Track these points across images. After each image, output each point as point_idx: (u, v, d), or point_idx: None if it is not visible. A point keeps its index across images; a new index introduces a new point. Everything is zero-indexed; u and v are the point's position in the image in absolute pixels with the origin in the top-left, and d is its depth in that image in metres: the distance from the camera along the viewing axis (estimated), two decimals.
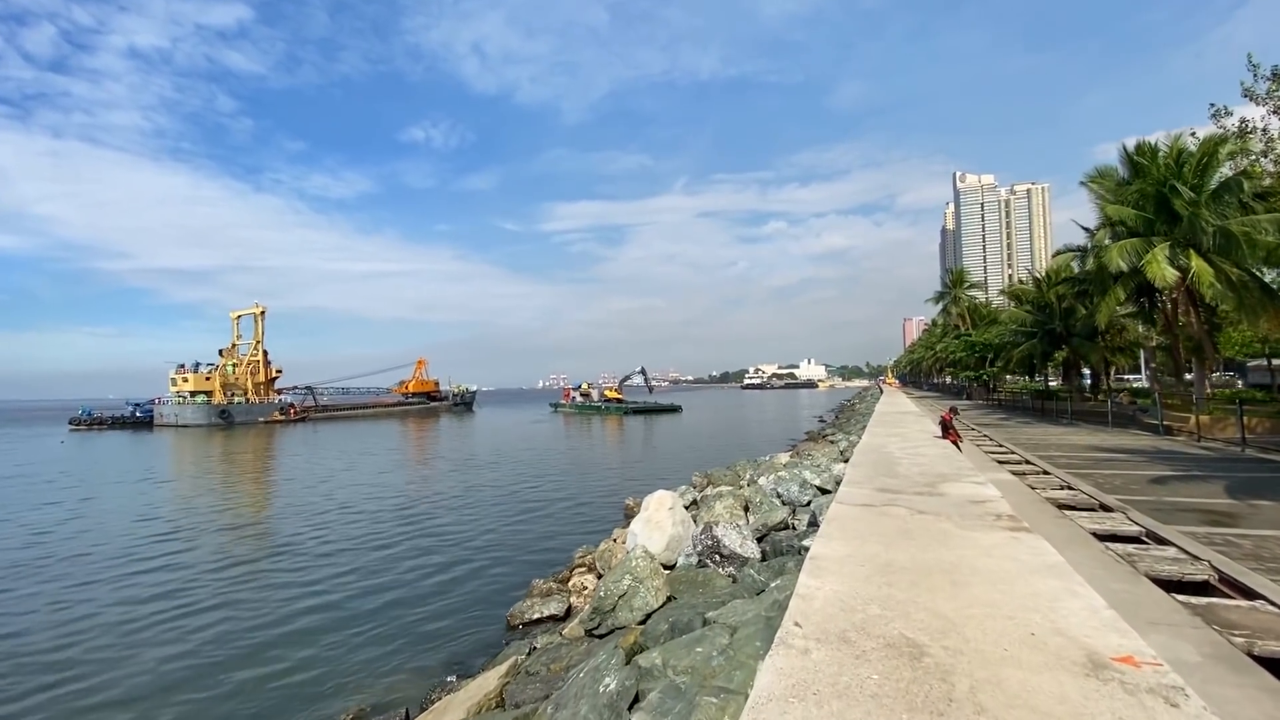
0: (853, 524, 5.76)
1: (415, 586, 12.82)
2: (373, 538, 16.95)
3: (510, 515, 19.39)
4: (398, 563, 14.48)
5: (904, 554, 4.72)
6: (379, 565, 14.34)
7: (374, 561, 14.66)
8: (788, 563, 8.04)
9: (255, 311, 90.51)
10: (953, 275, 66.73)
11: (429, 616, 11.13)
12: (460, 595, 12.28)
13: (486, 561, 14.46)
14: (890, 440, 14.18)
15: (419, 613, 11.31)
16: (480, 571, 13.71)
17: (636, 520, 10.72)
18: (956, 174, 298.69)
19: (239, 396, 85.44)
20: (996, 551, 4.72)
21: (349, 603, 11.92)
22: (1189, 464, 13.79)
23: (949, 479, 8.33)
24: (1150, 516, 8.87)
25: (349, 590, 12.65)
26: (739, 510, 11.33)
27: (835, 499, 7.02)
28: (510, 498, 22.48)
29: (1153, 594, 5.86)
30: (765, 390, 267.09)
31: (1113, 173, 23.82)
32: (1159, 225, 21.59)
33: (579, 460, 34.66)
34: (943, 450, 12.04)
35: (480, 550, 15.40)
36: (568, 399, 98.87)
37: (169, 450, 48.16)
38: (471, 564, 14.34)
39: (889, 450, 12.04)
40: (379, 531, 17.64)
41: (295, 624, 10.89)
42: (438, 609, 11.50)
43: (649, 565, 7.94)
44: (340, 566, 14.32)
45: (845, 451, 17.43)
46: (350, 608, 11.66)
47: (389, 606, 11.65)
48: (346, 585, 12.96)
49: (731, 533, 9.08)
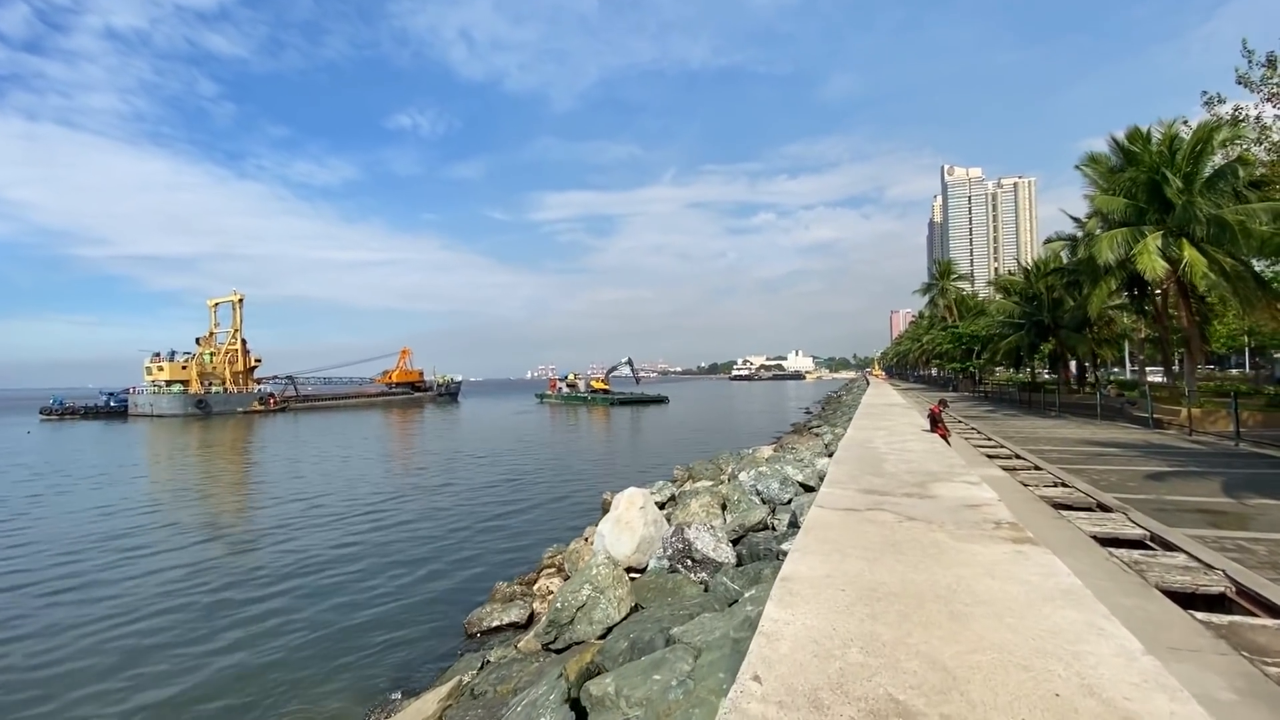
0: (833, 533, 5.04)
1: (372, 589, 12.02)
2: (335, 535, 16.11)
3: (483, 511, 18.60)
4: (357, 562, 13.67)
5: (892, 573, 4.00)
6: (336, 565, 13.52)
7: (332, 561, 13.83)
8: (764, 569, 7.35)
9: (233, 299, 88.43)
10: (940, 267, 66.39)
11: (382, 623, 10.34)
12: (419, 598, 11.50)
13: (452, 562, 13.68)
14: (876, 434, 13.54)
15: (372, 618, 10.52)
16: (443, 572, 12.93)
17: (605, 520, 9.99)
18: (944, 167, 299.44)
19: (216, 386, 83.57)
20: (1000, 570, 4.02)
21: (297, 607, 11.10)
22: (1184, 459, 13.28)
23: (940, 478, 7.66)
24: (1152, 517, 8.27)
25: (300, 593, 11.83)
26: (716, 509, 10.63)
27: (815, 502, 6.31)
28: (485, 492, 21.68)
29: (1168, 611, 5.22)
30: (753, 381, 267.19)
31: (1105, 159, 23.28)
32: (1151, 214, 21.08)
33: (561, 453, 33.88)
34: (931, 445, 11.41)
35: (446, 549, 14.62)
36: (554, 390, 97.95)
37: (139, 442, 46.78)
38: (435, 564, 13.55)
39: (875, 445, 11.39)
40: (343, 529, 16.79)
41: (232, 632, 10.06)
42: (393, 614, 10.72)
43: (611, 573, 7.21)
44: (294, 567, 13.47)
45: (830, 445, 16.80)
46: (297, 613, 10.85)
47: (340, 611, 10.85)
48: (298, 588, 12.13)
49: (705, 535, 8.36)
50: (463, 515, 18.11)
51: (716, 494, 11.30)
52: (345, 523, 17.43)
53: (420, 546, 14.89)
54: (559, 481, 23.79)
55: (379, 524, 17.18)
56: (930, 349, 68.46)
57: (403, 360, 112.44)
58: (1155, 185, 20.86)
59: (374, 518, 17.95)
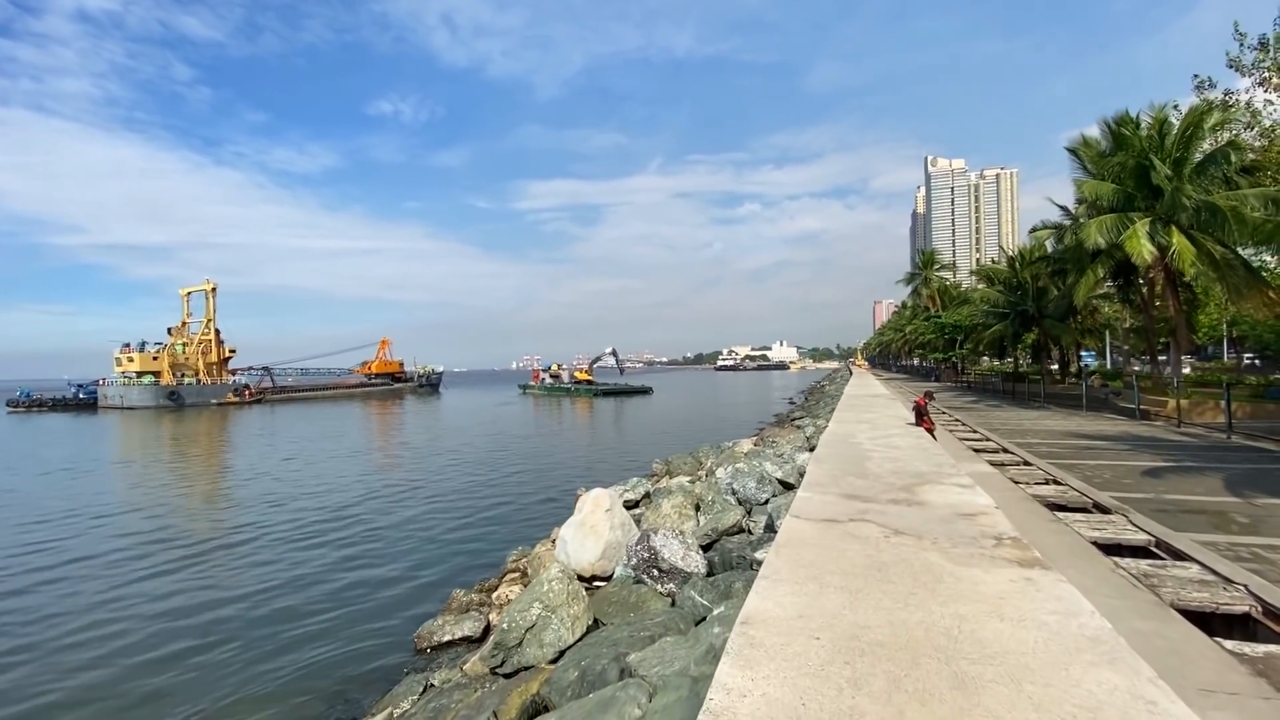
0: (810, 552, 4.29)
1: (320, 597, 11.16)
2: (292, 537, 15.19)
3: (452, 510, 17.75)
4: (308, 566, 12.78)
5: (878, 610, 3.25)
6: (285, 570, 12.62)
7: (283, 565, 12.94)
8: (735, 581, 6.62)
9: (206, 288, 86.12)
10: (923, 256, 66.17)
11: (324, 635, 9.50)
12: (370, 606, 10.67)
13: (411, 565, 12.84)
14: (859, 428, 12.87)
15: (313, 630, 9.67)
16: (400, 578, 12.09)
17: (568, 524, 9.21)
18: (928, 158, 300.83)
19: (189, 377, 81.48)
20: (1009, 607, 3.28)
21: (233, 617, 10.22)
22: (1178, 453, 12.77)
23: (929, 480, 6.96)
24: (1154, 520, 7.66)
25: (239, 600, 10.94)
26: (689, 510, 9.90)
27: (791, 510, 5.57)
28: (457, 489, 20.81)
29: (1191, 638, 4.56)
30: (738, 372, 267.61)
31: (1096, 143, 22.75)
32: (1139, 200, 20.60)
33: (540, 446, 33.04)
34: (917, 440, 10.74)
35: (406, 552, 13.77)
36: (537, 380, 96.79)
37: (103, 435, 45.21)
38: (393, 568, 12.71)
39: (858, 440, 10.70)
40: (300, 529, 15.86)
41: (161, 647, 9.16)
42: (338, 626, 9.88)
43: (565, 589, 6.43)
44: (239, 571, 12.57)
45: (811, 439, 16.15)
46: (234, 622, 9.97)
47: (279, 622, 9.98)
48: (238, 594, 11.23)
49: (672, 543, 7.61)
50: (429, 514, 17.26)
51: (690, 494, 10.56)
52: (303, 523, 16.50)
53: (379, 549, 14.03)
54: (535, 476, 22.99)
55: (338, 524, 16.26)
56: (913, 339, 68.36)
57: (382, 351, 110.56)
58: (1144, 171, 20.35)
59: (335, 517, 17.03)
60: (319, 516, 17.11)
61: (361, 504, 18.64)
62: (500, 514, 17.03)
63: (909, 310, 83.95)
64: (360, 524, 16.20)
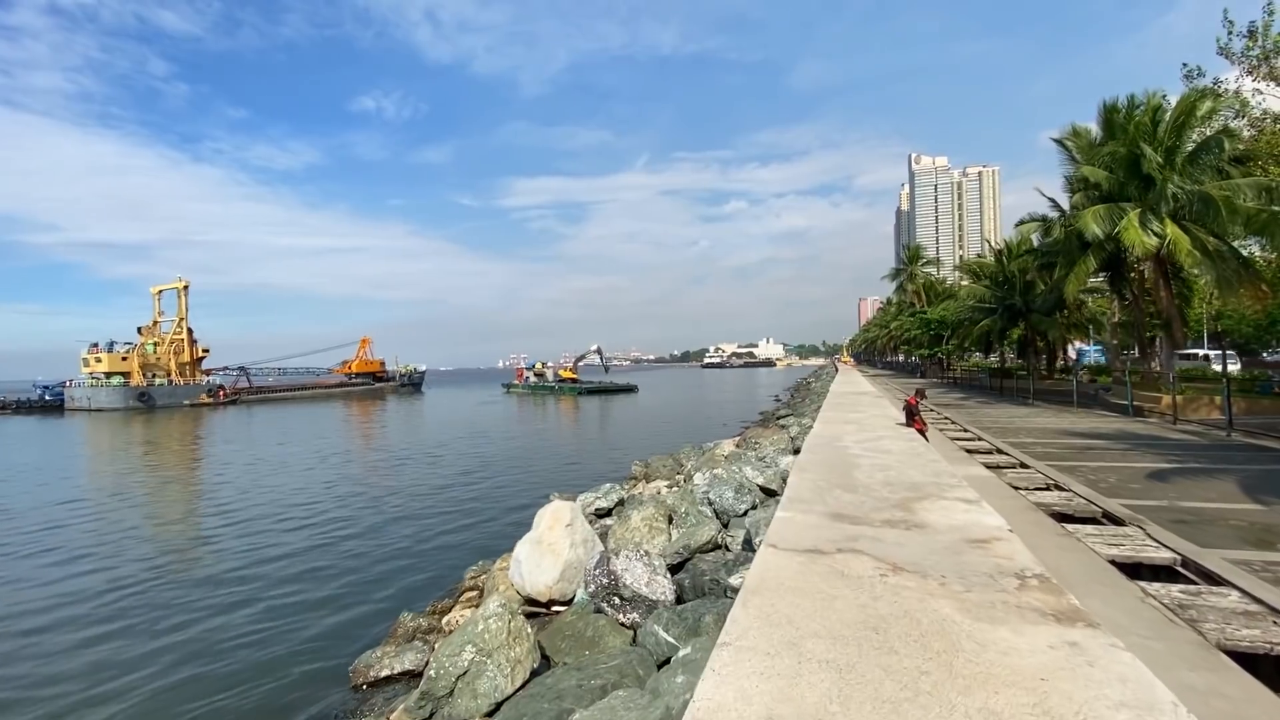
0: (786, 602, 3.37)
1: (256, 620, 10.08)
2: (235, 552, 14.06)
3: (416, 518, 16.70)
4: (247, 585, 11.68)
5: (878, 709, 2.33)
6: (222, 589, 11.52)
7: (219, 583, 11.83)
8: (705, 615, 5.70)
9: (178, 286, 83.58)
10: (908, 252, 65.81)
11: (253, 669, 8.44)
12: (310, 633, 9.62)
13: (362, 583, 11.78)
14: (846, 429, 12.02)
15: (242, 664, 8.61)
16: (346, 599, 11.04)
17: (522, 542, 8.25)
18: (911, 155, 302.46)
19: (161, 378, 79.11)
20: (1058, 697, 2.38)
21: (151, 642, 9.13)
22: (1180, 453, 12.06)
23: (927, 493, 6.08)
24: (1174, 532, 6.87)
25: (165, 626, 9.83)
26: (660, 523, 8.97)
27: (767, 538, 4.65)
28: (424, 495, 19.72)
29: (1256, 696, 3.71)
30: (725, 369, 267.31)
31: (1086, 132, 22.13)
32: (1131, 189, 19.97)
33: (517, 447, 31.96)
34: (909, 444, 9.90)
35: (359, 568, 12.69)
36: (521, 379, 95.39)
37: (62, 439, 43.39)
38: (342, 585, 11.65)
39: (845, 444, 9.83)
40: (248, 543, 14.73)
41: (37, 690, 8.06)
42: (273, 656, 8.82)
43: (505, 627, 5.47)
44: (174, 592, 11.43)
45: (797, 439, 15.29)
46: (147, 650, 8.88)
47: (205, 650, 8.90)
48: (166, 619, 10.12)
49: (636, 566, 6.68)
50: (391, 523, 16.19)
51: (662, 505, 9.63)
52: (254, 535, 15.35)
53: (331, 565, 12.95)
54: (508, 481, 21.95)
55: (290, 536, 15.14)
56: (898, 335, 67.99)
57: (363, 349, 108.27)
58: (1135, 160, 19.72)
59: (290, 529, 15.89)
60: (271, 528, 15.98)
61: (321, 513, 17.50)
62: (467, 523, 15.99)
63: (894, 306, 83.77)
64: (314, 537, 15.09)
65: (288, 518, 16.91)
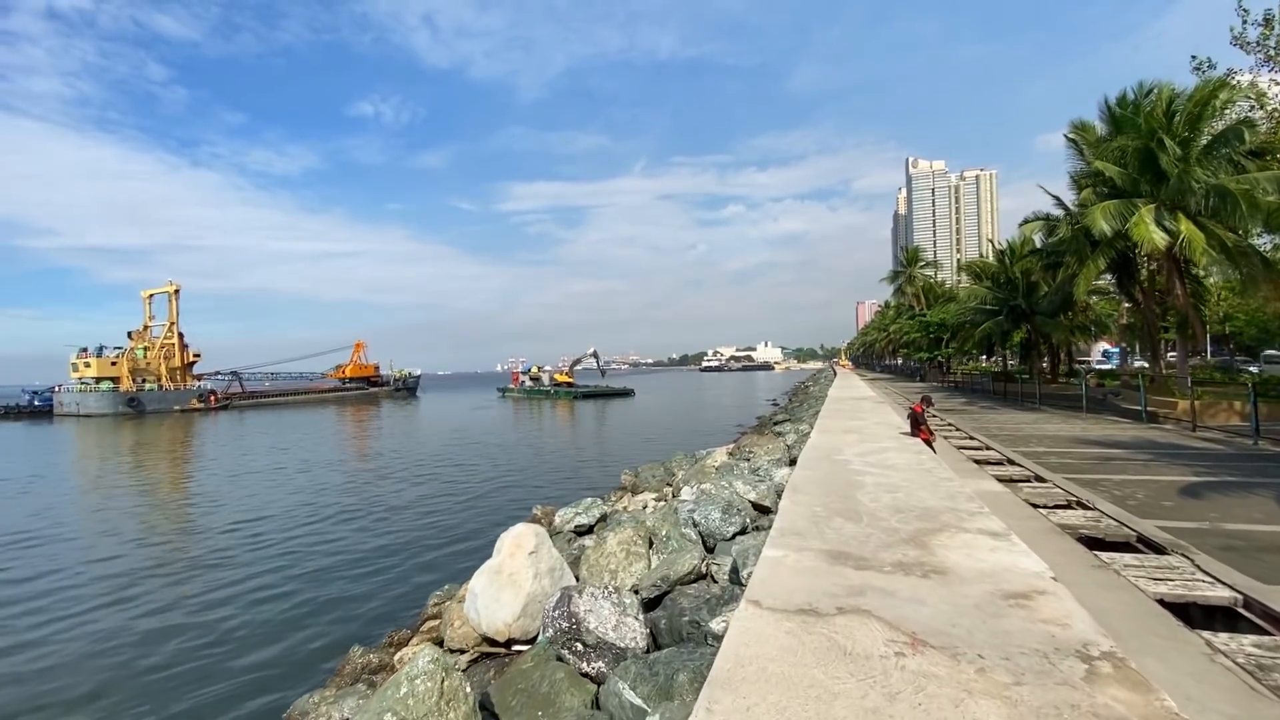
0: (768, 706, 2.42)
1: (197, 651, 9.12)
2: (191, 570, 13.10)
3: (391, 534, 15.73)
4: (200, 615, 10.69)
5: None
6: (169, 613, 10.55)
7: (165, 610, 10.85)
8: (679, 673, 4.73)
9: (169, 290, 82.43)
10: (907, 254, 64.95)
11: (179, 716, 7.48)
12: (255, 666, 8.65)
13: (319, 608, 10.81)
14: (846, 439, 11.08)
15: (172, 700, 7.65)
16: (303, 624, 10.08)
17: (479, 573, 7.28)
18: (909, 159, 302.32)
19: (151, 383, 77.94)
20: None
21: (56, 680, 8.15)
22: (1209, 464, 11.13)
23: (944, 523, 5.13)
24: (1225, 563, 5.93)
25: (87, 651, 8.85)
26: (640, 548, 8.00)
27: (748, 591, 3.70)
28: (405, 509, 18.73)
29: None
30: (723, 372, 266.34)
31: (1093, 128, 21.26)
32: (1144, 185, 19.08)
33: (508, 455, 30.95)
34: (916, 456, 8.96)
35: (320, 591, 11.69)
36: (516, 383, 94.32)
37: (46, 446, 42.30)
38: (301, 608, 10.70)
39: (845, 457, 8.88)
40: (206, 560, 13.77)
41: None
42: (200, 700, 7.85)
43: (434, 689, 4.51)
44: (122, 620, 10.45)
45: (794, 448, 14.33)
46: (53, 687, 7.90)
47: (127, 689, 7.93)
48: (91, 645, 9.14)
49: (603, 607, 5.72)
50: (365, 540, 15.20)
51: (642, 526, 8.66)
52: (216, 552, 14.38)
53: (291, 586, 11.96)
54: (494, 490, 20.98)
55: (252, 555, 14.13)
56: (897, 338, 67.06)
57: (357, 354, 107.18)
58: (1149, 154, 18.84)
59: (254, 546, 14.87)
60: (235, 544, 15.00)
61: (289, 529, 16.49)
62: (442, 541, 14.99)
63: (893, 310, 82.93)
64: (278, 555, 14.10)
65: (255, 533, 15.94)
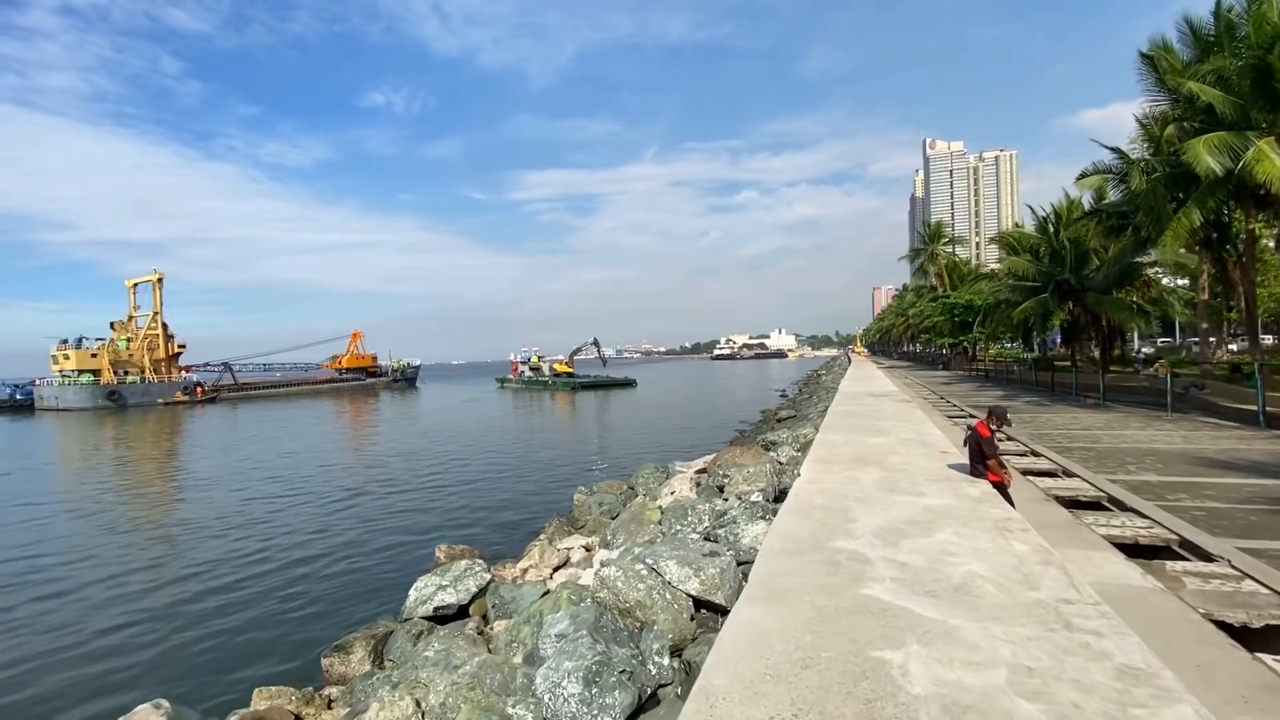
0: None
1: None
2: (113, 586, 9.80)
3: (352, 543, 12.44)
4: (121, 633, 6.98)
5: None
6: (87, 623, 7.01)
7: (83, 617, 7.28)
8: None
9: (153, 279, 79.33)
10: (930, 230, 59.70)
11: None
12: None
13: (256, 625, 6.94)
14: (861, 481, 6.82)
15: None
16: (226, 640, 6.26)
17: None
18: (926, 140, 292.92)
19: (134, 375, 75.09)
20: None
21: None
22: None
23: None
24: None
25: None
26: None
27: None
28: (378, 516, 15.84)
29: None
30: (735, 361, 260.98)
31: (1174, 52, 16.62)
32: (1256, 113, 14.47)
33: (474, 464, 26.83)
34: (1001, 539, 4.69)
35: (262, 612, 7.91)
36: (515, 374, 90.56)
37: (15, 442, 39.15)
38: (229, 629, 7.01)
39: (856, 547, 4.65)
40: (145, 574, 10.98)
41: None
42: None
43: None
44: None
45: (784, 471, 10.08)
46: None
47: None
48: None
49: None
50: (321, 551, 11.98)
51: (493, 664, 4.54)
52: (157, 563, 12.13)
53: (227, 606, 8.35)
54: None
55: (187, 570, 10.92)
56: (916, 323, 62.07)
57: (354, 344, 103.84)
58: (1262, 74, 14.20)
59: (193, 558, 12.26)
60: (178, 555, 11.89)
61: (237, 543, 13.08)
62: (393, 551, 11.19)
63: (912, 292, 77.79)
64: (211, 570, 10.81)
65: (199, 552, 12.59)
